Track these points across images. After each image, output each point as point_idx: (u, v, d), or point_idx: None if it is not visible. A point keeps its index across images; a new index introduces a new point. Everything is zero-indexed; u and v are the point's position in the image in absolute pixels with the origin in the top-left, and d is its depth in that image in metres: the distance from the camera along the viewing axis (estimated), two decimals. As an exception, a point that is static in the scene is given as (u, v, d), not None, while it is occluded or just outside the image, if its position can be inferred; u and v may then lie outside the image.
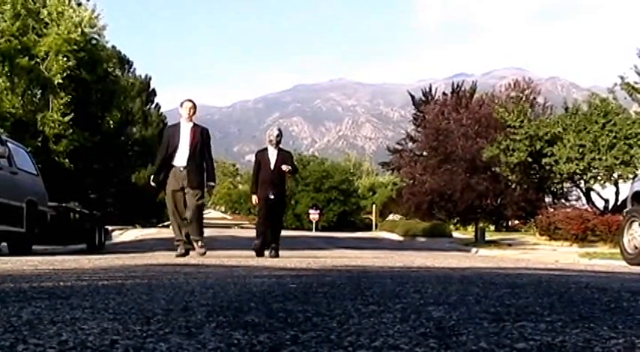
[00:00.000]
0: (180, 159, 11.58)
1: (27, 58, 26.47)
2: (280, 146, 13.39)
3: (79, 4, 29.13)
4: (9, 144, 13.75)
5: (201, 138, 11.75)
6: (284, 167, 13.03)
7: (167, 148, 11.72)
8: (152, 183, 12.11)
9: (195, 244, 11.71)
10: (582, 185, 29.43)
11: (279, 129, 13.65)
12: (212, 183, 12.16)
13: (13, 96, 26.40)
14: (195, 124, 11.86)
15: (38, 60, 26.82)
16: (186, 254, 11.37)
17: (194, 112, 11.89)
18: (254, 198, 13.31)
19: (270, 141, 13.28)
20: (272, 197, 12.95)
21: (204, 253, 11.64)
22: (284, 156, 13.32)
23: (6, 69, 26.12)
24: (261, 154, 13.44)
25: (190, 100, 12.02)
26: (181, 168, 11.53)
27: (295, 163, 14.02)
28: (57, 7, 27.63)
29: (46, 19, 27.60)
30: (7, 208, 12.72)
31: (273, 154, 13.19)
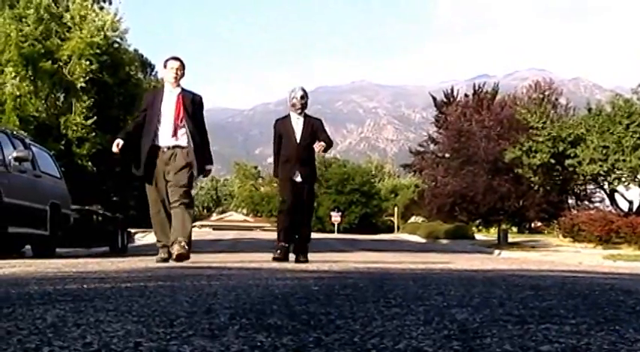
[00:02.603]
0: (165, 136, 8.92)
1: (50, 62, 26.68)
2: (306, 112, 10.52)
3: (102, 8, 29.35)
4: (32, 148, 13.84)
5: (193, 107, 9.08)
6: (317, 146, 10.09)
7: (144, 117, 9.12)
8: (115, 149, 8.95)
9: (176, 245, 8.61)
10: (606, 186, 29.21)
11: (304, 90, 10.47)
12: (209, 166, 9.40)
13: (37, 99, 26.61)
14: (184, 90, 9.15)
15: (61, 63, 27.01)
16: (170, 259, 8.76)
17: (182, 74, 9.21)
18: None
19: (293, 105, 10.36)
20: (299, 179, 10.23)
21: (187, 257, 8.61)
22: (313, 124, 10.46)
23: (29, 73, 26.32)
24: (282, 124, 10.51)
25: (177, 58, 9.27)
26: (165, 149, 8.91)
27: (328, 133, 10.71)
28: (80, 11, 27.84)
29: (69, 23, 27.80)
30: (30, 211, 12.79)
31: (298, 123, 10.36)
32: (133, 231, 28.77)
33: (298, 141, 10.22)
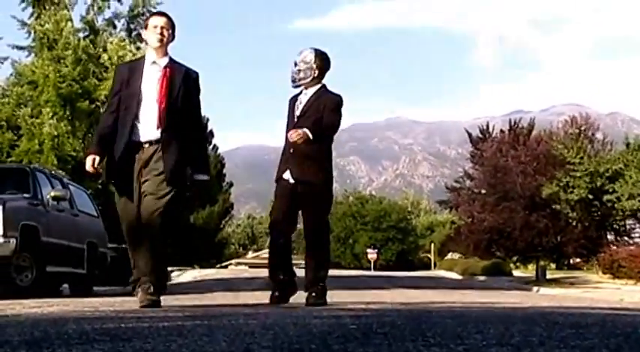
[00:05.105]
0: (146, 127, 6.36)
1: (87, 102, 27.12)
2: (325, 84, 7.53)
3: (138, 48, 29.74)
4: (70, 187, 14.00)
5: (185, 86, 6.50)
6: (292, 133, 7.08)
7: (117, 104, 6.48)
8: (88, 168, 6.71)
9: (141, 285, 6.40)
10: (646, 222, 28.93)
11: (315, 50, 7.47)
12: (204, 177, 6.86)
13: (74, 139, 26.96)
14: (172, 61, 6.59)
15: (98, 103, 27.42)
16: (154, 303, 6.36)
17: (171, 37, 6.59)
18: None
19: (294, 79, 7.47)
20: (289, 178, 7.34)
21: (156, 302, 6.39)
22: (320, 102, 7.36)
23: (67, 113, 26.74)
24: (292, 102, 7.62)
25: (163, 14, 6.76)
26: (146, 145, 6.37)
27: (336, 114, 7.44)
28: (117, 52, 28.26)
29: (107, 64, 28.24)
30: (68, 250, 12.91)
31: (302, 102, 7.47)
32: (169, 269, 28.86)
33: (294, 125, 7.30)
